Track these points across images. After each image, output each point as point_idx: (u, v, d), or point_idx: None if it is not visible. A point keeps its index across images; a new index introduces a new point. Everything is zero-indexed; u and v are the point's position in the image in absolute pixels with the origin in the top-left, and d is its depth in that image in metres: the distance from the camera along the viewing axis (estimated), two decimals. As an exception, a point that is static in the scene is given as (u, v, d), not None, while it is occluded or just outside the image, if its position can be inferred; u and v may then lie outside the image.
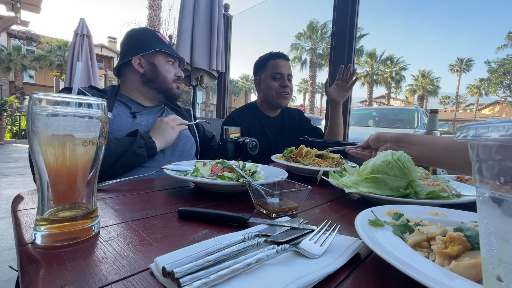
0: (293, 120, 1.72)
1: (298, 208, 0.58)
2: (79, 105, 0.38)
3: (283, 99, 1.55)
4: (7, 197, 3.43)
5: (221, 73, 2.48)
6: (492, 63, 30.19)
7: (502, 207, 0.17)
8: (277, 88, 1.53)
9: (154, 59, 1.16)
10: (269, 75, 1.54)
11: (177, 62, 1.25)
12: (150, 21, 11.37)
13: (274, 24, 75.86)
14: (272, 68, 1.54)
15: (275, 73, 1.52)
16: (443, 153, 0.66)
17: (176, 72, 1.22)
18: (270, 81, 1.53)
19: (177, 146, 1.14)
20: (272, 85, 1.53)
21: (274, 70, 1.53)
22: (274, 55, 1.57)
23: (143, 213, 0.52)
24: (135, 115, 1.09)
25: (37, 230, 0.38)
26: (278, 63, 1.53)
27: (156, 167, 1.03)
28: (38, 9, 5.82)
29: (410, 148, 0.77)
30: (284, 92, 1.53)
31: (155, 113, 1.19)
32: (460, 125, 0.20)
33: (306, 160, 1.00)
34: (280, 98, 1.54)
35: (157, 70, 1.16)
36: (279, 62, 1.54)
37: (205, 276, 0.28)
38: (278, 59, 1.55)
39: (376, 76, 33.45)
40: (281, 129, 1.64)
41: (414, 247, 0.36)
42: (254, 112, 1.61)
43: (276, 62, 1.54)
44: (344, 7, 1.68)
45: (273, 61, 1.54)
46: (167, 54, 1.18)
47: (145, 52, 1.14)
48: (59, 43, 19.05)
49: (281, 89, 1.53)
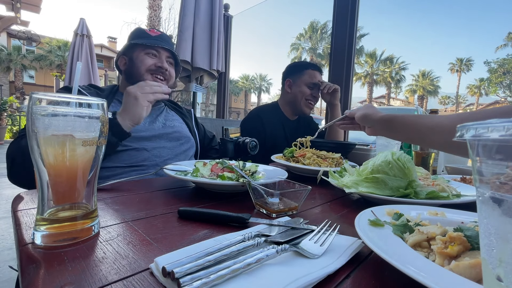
0: (306, 124, 1.78)
1: (298, 208, 0.58)
2: (79, 105, 0.38)
3: (308, 107, 1.63)
4: (7, 197, 3.43)
5: (221, 73, 2.48)
6: (492, 63, 30.21)
7: (502, 207, 0.17)
8: (308, 96, 1.60)
9: (133, 54, 1.13)
10: (305, 83, 1.60)
11: (163, 55, 1.15)
12: (150, 21, 11.37)
13: (274, 24, 75.87)
14: (310, 77, 1.60)
15: (311, 83, 1.59)
16: (429, 133, 0.67)
17: (156, 63, 1.12)
18: (304, 88, 1.60)
19: (175, 147, 1.13)
20: (305, 91, 1.59)
21: (311, 80, 1.59)
22: (314, 66, 1.64)
23: (143, 213, 0.52)
24: None
25: (37, 230, 0.38)
26: (316, 75, 1.60)
27: (155, 166, 1.03)
28: (38, 9, 5.82)
29: (397, 132, 0.77)
30: (312, 102, 1.62)
31: (154, 113, 1.18)
32: (460, 125, 0.20)
33: (306, 160, 1.00)
34: (307, 106, 1.62)
35: (133, 63, 1.12)
36: (318, 74, 1.61)
37: (205, 276, 0.28)
38: (317, 71, 1.62)
39: (376, 76, 33.46)
40: (297, 132, 1.67)
41: (414, 247, 0.36)
42: (277, 112, 1.68)
43: (315, 73, 1.61)
44: (344, 7, 1.68)
45: (312, 71, 1.61)
46: (145, 46, 1.12)
47: (126, 50, 1.13)
48: (59, 43, 19.04)
49: (312, 99, 1.61)
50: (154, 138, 1.08)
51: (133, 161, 1.00)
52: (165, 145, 1.09)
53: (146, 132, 1.07)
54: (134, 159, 1.01)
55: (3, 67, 17.68)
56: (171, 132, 1.14)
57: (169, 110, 1.28)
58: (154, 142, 1.07)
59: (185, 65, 2.18)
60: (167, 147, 1.10)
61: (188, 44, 2.14)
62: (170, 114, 1.25)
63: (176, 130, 1.17)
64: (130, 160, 1.00)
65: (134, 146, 1.01)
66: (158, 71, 1.13)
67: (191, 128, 1.28)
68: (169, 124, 1.18)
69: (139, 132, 1.04)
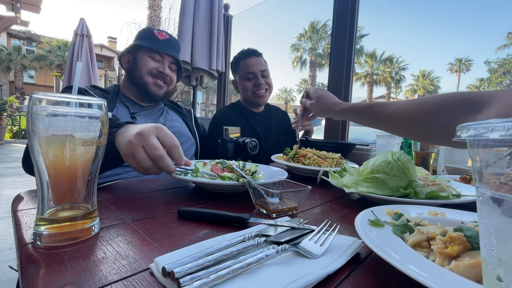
0: (280, 116, 1.70)
1: (298, 208, 0.58)
2: (79, 105, 0.38)
3: (260, 97, 1.51)
4: (7, 197, 3.43)
5: (221, 73, 2.48)
6: (492, 63, 30.21)
7: (502, 207, 0.17)
8: (252, 88, 1.49)
9: (137, 54, 1.14)
10: (242, 76, 1.50)
11: (166, 60, 1.16)
12: (150, 21, 11.38)
13: (274, 24, 75.83)
14: (243, 68, 1.50)
15: (247, 73, 1.48)
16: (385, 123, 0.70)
17: (158, 67, 1.13)
18: (244, 82, 1.50)
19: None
20: (247, 86, 1.50)
21: (245, 71, 1.49)
22: (244, 54, 1.52)
23: (143, 213, 0.52)
24: (135, 116, 1.08)
25: (37, 230, 0.38)
26: (248, 63, 1.48)
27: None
28: (38, 9, 5.83)
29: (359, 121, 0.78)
30: (259, 90, 1.49)
31: (155, 114, 1.18)
32: (460, 125, 0.20)
33: (307, 160, 1.00)
34: (257, 97, 1.51)
35: (136, 63, 1.13)
36: (249, 61, 1.49)
37: (205, 276, 0.28)
38: (248, 57, 1.49)
39: (376, 76, 33.47)
40: (269, 123, 1.61)
41: (414, 247, 0.36)
42: (239, 110, 1.58)
43: (246, 61, 1.49)
44: (344, 7, 1.68)
45: (243, 61, 1.50)
46: (150, 49, 1.13)
47: (131, 49, 1.13)
48: (59, 43, 19.02)
49: (256, 88, 1.49)
50: None
51: None
52: None
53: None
54: None
55: (3, 67, 17.68)
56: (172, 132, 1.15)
57: (169, 110, 1.28)
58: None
59: (185, 65, 2.18)
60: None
61: (188, 44, 2.14)
62: (170, 114, 1.25)
63: (176, 130, 1.17)
64: None
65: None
66: (159, 76, 1.14)
67: (191, 128, 1.28)
68: (169, 124, 1.18)
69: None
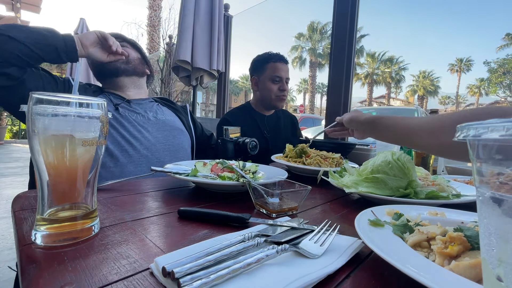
0: (289, 121, 1.72)
1: (298, 208, 0.58)
2: (79, 105, 0.38)
3: (280, 101, 1.56)
4: (7, 197, 3.43)
5: (221, 73, 2.48)
6: (492, 63, 30.22)
7: (502, 207, 0.17)
8: (276, 92, 1.53)
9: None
10: (269, 78, 1.53)
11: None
12: (150, 21, 11.36)
13: (274, 24, 75.93)
14: (272, 71, 1.52)
15: (275, 76, 1.51)
16: (410, 135, 0.67)
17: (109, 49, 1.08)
18: (270, 84, 1.52)
19: (167, 139, 1.12)
20: (272, 88, 1.52)
21: (274, 73, 1.51)
22: (274, 57, 1.54)
23: (143, 213, 0.52)
24: (117, 107, 1.08)
25: (37, 230, 0.38)
26: (278, 67, 1.52)
27: (147, 158, 1.03)
28: (38, 9, 5.83)
29: (380, 132, 0.77)
30: (282, 95, 1.54)
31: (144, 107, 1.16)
32: (460, 125, 0.20)
33: (307, 160, 1.00)
34: (278, 101, 1.55)
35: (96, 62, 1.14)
36: (279, 65, 1.52)
37: (205, 276, 0.28)
38: (279, 62, 1.53)
39: (376, 76, 33.47)
40: (278, 127, 1.63)
41: (414, 247, 0.36)
42: (248, 112, 1.60)
43: (276, 65, 1.52)
44: (344, 7, 1.68)
45: (273, 63, 1.52)
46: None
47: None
48: (59, 43, 19.00)
49: (280, 92, 1.54)
50: (145, 129, 1.08)
51: (125, 154, 1.00)
52: (157, 136, 1.10)
53: (137, 123, 1.08)
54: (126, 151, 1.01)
55: (3, 67, 17.65)
56: (162, 125, 1.15)
57: (161, 106, 1.26)
58: (146, 133, 1.07)
59: (185, 65, 2.18)
60: (159, 138, 1.10)
61: (188, 44, 2.14)
62: (161, 109, 1.24)
63: (167, 124, 1.17)
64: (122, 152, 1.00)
65: (126, 137, 1.02)
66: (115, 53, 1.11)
67: (185, 123, 1.27)
68: (161, 117, 1.18)
69: (129, 123, 1.05)
